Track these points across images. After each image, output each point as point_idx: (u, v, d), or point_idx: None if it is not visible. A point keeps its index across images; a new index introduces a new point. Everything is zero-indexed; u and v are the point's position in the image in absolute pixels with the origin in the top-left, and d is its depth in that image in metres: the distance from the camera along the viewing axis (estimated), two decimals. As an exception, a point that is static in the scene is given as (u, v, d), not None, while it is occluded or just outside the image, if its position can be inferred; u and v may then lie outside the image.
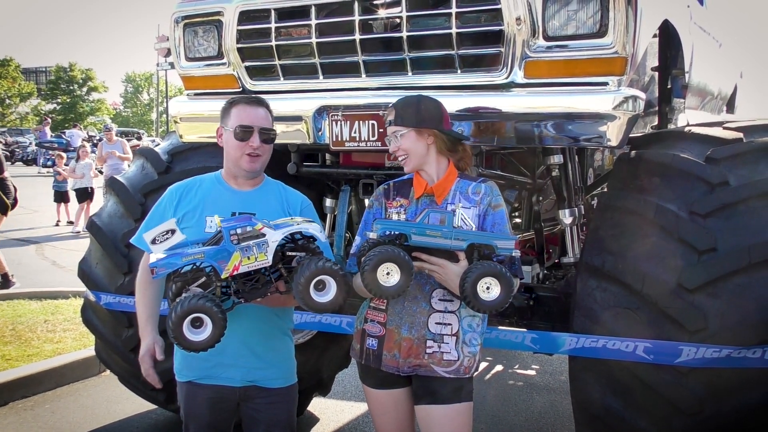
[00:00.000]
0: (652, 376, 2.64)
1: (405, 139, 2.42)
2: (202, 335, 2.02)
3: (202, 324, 2.01)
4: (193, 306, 1.99)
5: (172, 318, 1.99)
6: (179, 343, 2.03)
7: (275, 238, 2.12)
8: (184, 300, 2.01)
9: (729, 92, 6.03)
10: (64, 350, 5.21)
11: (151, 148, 4.10)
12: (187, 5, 3.62)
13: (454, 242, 2.27)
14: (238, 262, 2.07)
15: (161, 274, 2.07)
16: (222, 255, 2.07)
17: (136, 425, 4.31)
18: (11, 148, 32.38)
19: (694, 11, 4.07)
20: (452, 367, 2.42)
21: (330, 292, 2.12)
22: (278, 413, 2.49)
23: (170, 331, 2.01)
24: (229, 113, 2.46)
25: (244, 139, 2.41)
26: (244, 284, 2.15)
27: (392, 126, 2.44)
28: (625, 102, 2.83)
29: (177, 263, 2.06)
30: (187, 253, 2.07)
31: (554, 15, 2.87)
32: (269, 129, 2.47)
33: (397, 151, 2.44)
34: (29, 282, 7.67)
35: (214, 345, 2.05)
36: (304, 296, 2.09)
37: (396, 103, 2.48)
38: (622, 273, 2.76)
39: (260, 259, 2.10)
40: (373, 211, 2.56)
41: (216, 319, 2.01)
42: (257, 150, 2.42)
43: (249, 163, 2.44)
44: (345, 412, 4.58)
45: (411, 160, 2.45)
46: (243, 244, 2.08)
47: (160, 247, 2.09)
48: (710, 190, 2.78)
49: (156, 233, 2.09)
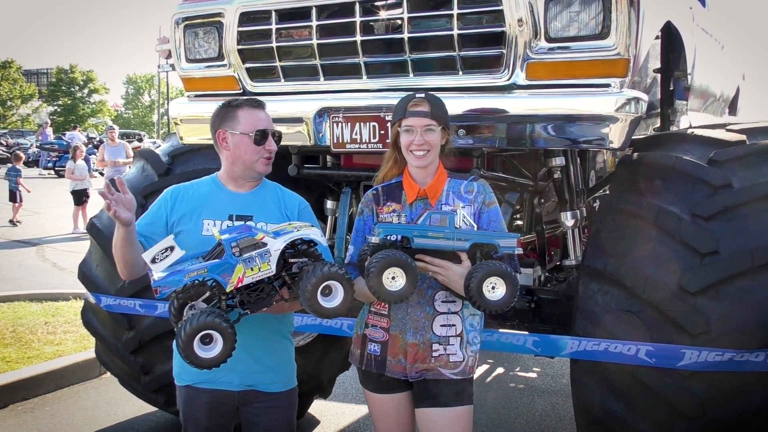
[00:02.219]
0: (653, 379, 2.63)
1: (434, 135, 2.40)
2: (213, 351, 2.00)
3: (212, 340, 1.99)
4: (202, 323, 1.97)
5: (181, 337, 1.97)
6: (191, 362, 2.00)
7: (277, 246, 2.10)
8: (192, 318, 1.98)
9: (731, 94, 6.01)
10: (65, 352, 5.20)
11: (151, 150, 4.10)
12: (188, 6, 3.61)
13: (456, 243, 2.26)
14: (242, 274, 2.05)
15: (166, 293, 2.04)
16: (225, 268, 2.05)
17: (136, 427, 4.30)
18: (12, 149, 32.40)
19: (697, 13, 4.07)
20: (458, 368, 2.42)
21: (337, 297, 2.11)
22: (278, 417, 2.48)
23: (181, 351, 1.98)
24: (234, 117, 2.44)
25: (261, 143, 2.42)
26: (248, 295, 2.13)
27: (426, 119, 2.39)
28: (627, 104, 2.82)
29: (181, 281, 2.03)
30: (190, 270, 2.04)
31: (556, 16, 2.86)
32: (277, 131, 2.51)
33: (423, 145, 2.39)
34: (30, 284, 7.66)
35: (226, 360, 2.03)
36: (312, 303, 2.07)
37: (428, 96, 2.44)
38: (623, 276, 2.75)
39: (263, 269, 2.08)
40: (363, 217, 2.54)
41: (226, 334, 1.99)
42: (272, 153, 2.45)
43: (264, 166, 2.46)
44: (345, 415, 4.57)
45: (429, 156, 2.42)
46: (245, 256, 2.05)
47: (160, 265, 2.06)
48: (713, 193, 2.77)
49: (155, 252, 2.06)
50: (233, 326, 2.03)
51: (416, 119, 2.40)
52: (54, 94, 57.78)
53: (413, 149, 2.40)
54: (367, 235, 2.45)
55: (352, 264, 2.52)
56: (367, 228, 2.50)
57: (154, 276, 2.05)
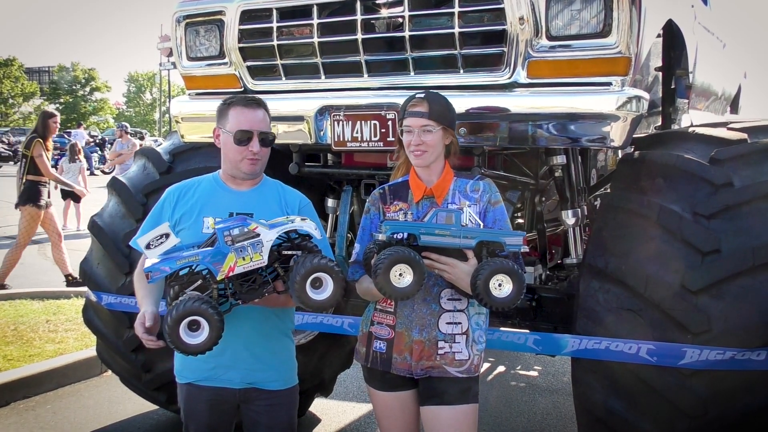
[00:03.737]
0: (655, 378, 2.63)
1: (433, 136, 2.39)
2: (199, 338, 2.01)
3: (199, 327, 2.01)
4: (189, 309, 1.98)
5: (168, 322, 1.98)
6: (177, 347, 2.02)
7: (270, 237, 2.10)
8: (179, 303, 2.00)
9: (733, 92, 6.01)
10: (66, 350, 5.21)
11: (152, 148, 4.10)
12: (189, 5, 3.61)
13: (463, 241, 2.26)
14: (234, 263, 2.06)
15: (156, 278, 2.06)
16: (217, 257, 2.06)
17: (137, 426, 4.30)
18: (14, 147, 32.42)
19: (698, 11, 4.06)
20: (464, 366, 2.42)
21: (327, 290, 2.10)
22: (278, 415, 2.48)
23: (167, 335, 2.00)
24: (226, 115, 2.43)
25: (243, 144, 2.39)
26: (241, 285, 2.13)
27: (424, 119, 2.39)
28: (628, 102, 2.81)
29: (172, 267, 2.04)
30: (182, 257, 2.06)
31: (557, 14, 2.85)
32: (268, 132, 2.45)
33: (420, 145, 2.39)
34: (31, 282, 7.66)
35: (211, 347, 2.04)
36: (301, 294, 2.07)
37: (428, 96, 2.44)
38: (625, 274, 2.75)
39: (255, 259, 2.09)
40: (370, 216, 2.54)
41: (212, 321, 2.00)
42: (257, 154, 2.41)
43: (249, 166, 2.42)
44: (347, 413, 4.57)
45: (428, 156, 2.41)
46: (237, 245, 2.06)
47: (154, 251, 2.07)
48: (714, 192, 2.76)
49: (150, 238, 2.07)
50: (221, 315, 2.04)
51: (414, 119, 2.40)
52: (55, 92, 57.82)
53: (412, 149, 2.41)
54: (373, 233, 2.45)
55: (357, 262, 2.52)
56: (373, 226, 2.51)
57: (147, 261, 2.07)
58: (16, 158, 30.67)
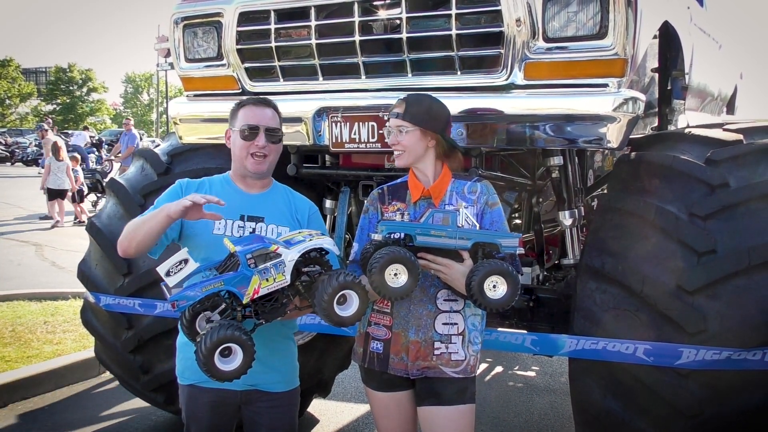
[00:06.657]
0: (652, 378, 2.64)
1: (408, 136, 2.41)
2: (232, 364, 1.99)
3: (231, 352, 1.99)
4: (223, 337, 1.96)
5: (202, 351, 1.96)
6: (212, 375, 1.99)
7: (291, 257, 2.10)
8: (212, 332, 1.98)
9: (729, 93, 6.03)
10: (64, 351, 5.21)
11: (150, 149, 4.09)
12: (187, 6, 3.61)
13: (458, 242, 2.27)
14: (258, 286, 2.05)
15: (183, 307, 2.04)
16: (240, 280, 2.04)
17: (135, 427, 4.30)
18: (11, 148, 32.36)
19: (694, 12, 4.07)
20: (460, 367, 2.43)
21: (353, 305, 2.12)
22: (280, 417, 2.49)
23: (201, 365, 1.97)
24: (236, 115, 2.47)
25: (249, 139, 2.41)
26: (263, 305, 2.13)
27: (398, 120, 2.42)
28: (625, 103, 2.83)
29: (198, 296, 2.02)
30: (206, 284, 2.03)
31: (554, 16, 2.86)
32: (275, 129, 2.47)
33: (396, 145, 2.43)
34: (29, 283, 7.64)
35: (246, 372, 2.02)
36: (329, 312, 2.08)
37: (408, 98, 2.47)
38: (622, 274, 2.76)
39: (278, 280, 2.09)
40: (369, 216, 2.56)
41: (246, 346, 1.99)
42: (263, 150, 2.43)
43: (254, 165, 2.44)
44: (345, 414, 4.58)
45: (405, 157, 2.44)
46: (260, 267, 2.05)
47: (174, 279, 2.05)
48: (710, 192, 2.78)
49: (169, 265, 2.04)
50: (251, 338, 2.03)
51: (391, 120, 2.45)
52: (53, 93, 57.72)
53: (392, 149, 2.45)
54: (370, 233, 2.46)
55: (355, 262, 2.53)
56: (371, 226, 2.52)
57: (171, 290, 2.05)
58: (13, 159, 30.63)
